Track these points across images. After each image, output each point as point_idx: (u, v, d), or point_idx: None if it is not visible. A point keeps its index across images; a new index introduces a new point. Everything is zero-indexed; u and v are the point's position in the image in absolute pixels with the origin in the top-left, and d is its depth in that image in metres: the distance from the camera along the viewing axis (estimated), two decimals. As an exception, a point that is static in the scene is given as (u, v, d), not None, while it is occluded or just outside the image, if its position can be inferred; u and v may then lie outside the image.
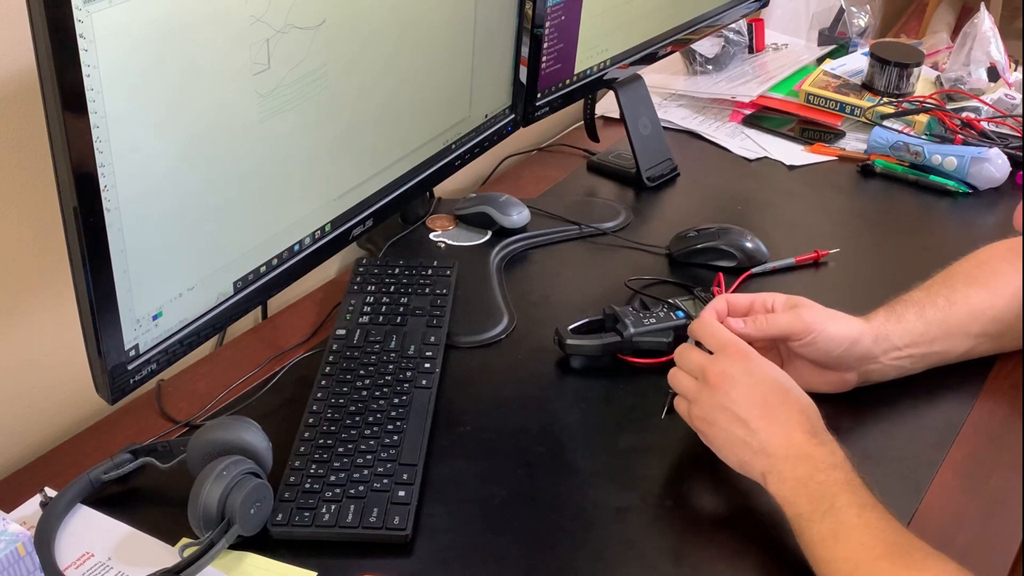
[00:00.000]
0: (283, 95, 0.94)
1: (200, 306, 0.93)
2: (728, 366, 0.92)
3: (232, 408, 1.03)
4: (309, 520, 0.88)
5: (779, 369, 0.94)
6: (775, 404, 0.90)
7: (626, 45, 1.48)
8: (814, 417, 0.90)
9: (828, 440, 0.88)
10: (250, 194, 0.94)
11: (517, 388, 1.09)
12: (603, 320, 1.13)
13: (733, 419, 0.90)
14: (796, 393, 0.91)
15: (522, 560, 0.88)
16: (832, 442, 0.87)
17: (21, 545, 0.78)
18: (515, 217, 1.32)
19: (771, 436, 0.88)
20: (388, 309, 1.13)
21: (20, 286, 1.00)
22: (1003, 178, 1.48)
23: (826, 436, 0.88)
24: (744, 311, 1.02)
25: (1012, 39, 2.31)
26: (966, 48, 1.70)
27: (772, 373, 0.92)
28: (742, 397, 0.90)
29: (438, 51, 1.16)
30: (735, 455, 0.90)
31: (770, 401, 0.90)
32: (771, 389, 0.91)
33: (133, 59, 0.78)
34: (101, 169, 0.77)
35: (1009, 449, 1.01)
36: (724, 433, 0.91)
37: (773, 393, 0.90)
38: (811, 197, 1.50)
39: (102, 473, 0.92)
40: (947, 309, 1.04)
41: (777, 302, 1.02)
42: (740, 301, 1.03)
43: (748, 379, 0.91)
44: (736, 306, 1.03)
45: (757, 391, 0.90)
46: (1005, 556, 0.90)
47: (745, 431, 0.89)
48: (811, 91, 1.70)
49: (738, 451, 0.90)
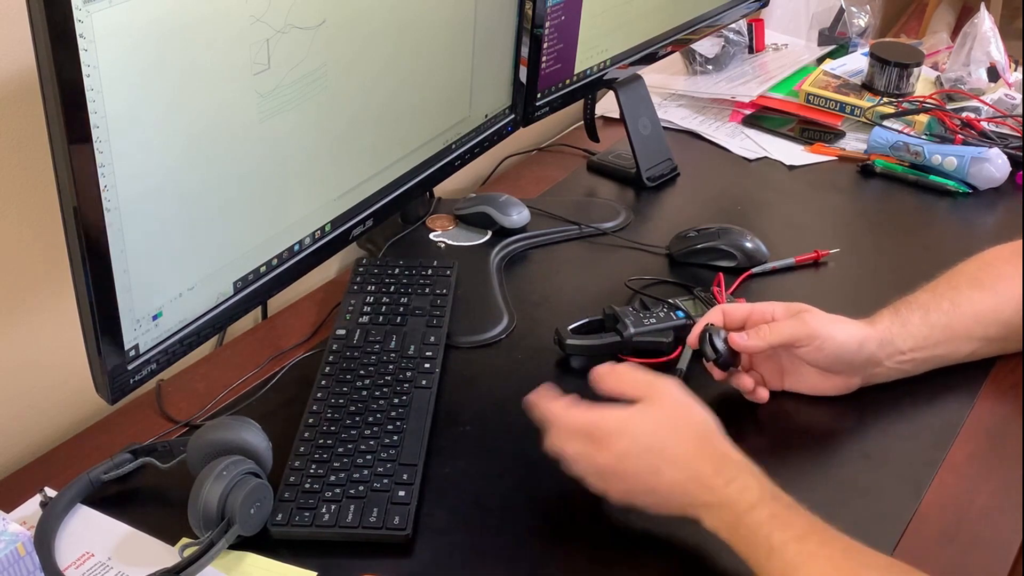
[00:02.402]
0: (283, 95, 0.94)
1: (200, 306, 0.93)
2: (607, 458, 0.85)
3: (232, 408, 1.03)
4: (309, 520, 0.88)
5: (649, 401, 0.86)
6: (671, 460, 0.84)
7: (626, 45, 1.48)
8: (712, 446, 0.84)
9: (736, 472, 0.82)
10: (250, 194, 0.94)
11: (517, 388, 1.08)
12: (603, 320, 1.13)
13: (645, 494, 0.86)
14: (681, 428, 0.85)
15: (522, 560, 0.88)
16: (741, 473, 0.82)
17: (21, 545, 0.78)
18: (515, 217, 1.32)
19: (682, 494, 0.83)
20: (388, 309, 1.13)
21: (20, 286, 1.00)
22: (1003, 178, 1.48)
23: (731, 467, 0.82)
24: (741, 321, 1.02)
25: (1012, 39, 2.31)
26: (966, 48, 1.70)
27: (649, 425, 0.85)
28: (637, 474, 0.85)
29: (438, 51, 1.16)
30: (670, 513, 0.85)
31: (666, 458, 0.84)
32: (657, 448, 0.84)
33: (133, 59, 0.78)
34: (101, 169, 0.77)
35: (1009, 449, 1.01)
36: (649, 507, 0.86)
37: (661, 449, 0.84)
38: (811, 197, 1.50)
39: (102, 473, 0.92)
40: (952, 313, 1.04)
41: (777, 311, 1.01)
42: (737, 312, 1.02)
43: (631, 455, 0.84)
44: (733, 316, 1.02)
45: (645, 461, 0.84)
46: (1005, 556, 0.90)
47: (659, 499, 0.85)
48: (811, 91, 1.70)
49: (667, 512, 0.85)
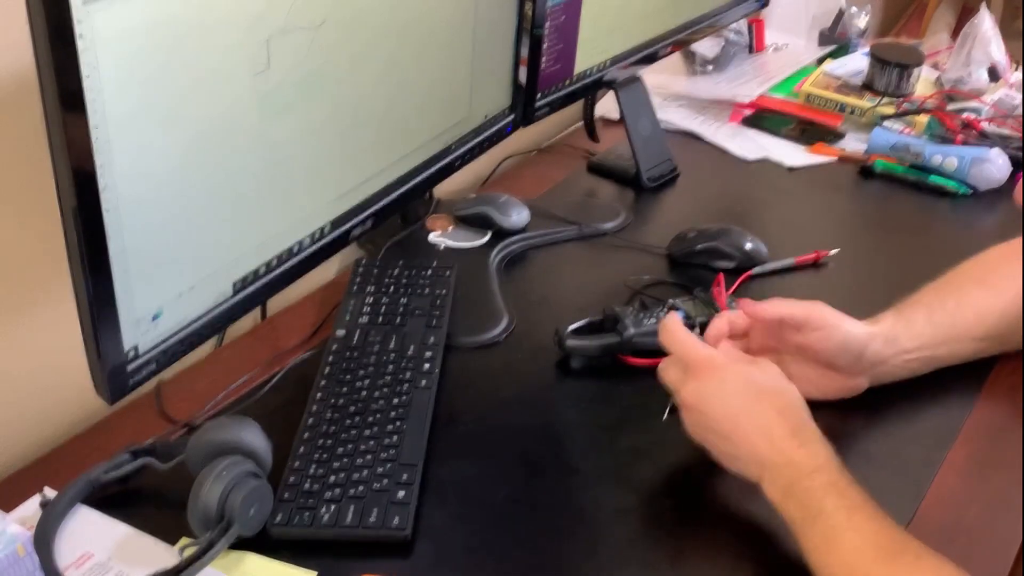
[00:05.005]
0: (283, 95, 0.94)
1: (200, 306, 0.93)
2: (697, 386, 0.91)
3: (232, 408, 1.04)
4: (309, 520, 0.88)
5: (754, 365, 0.92)
6: (751, 412, 0.88)
7: (626, 45, 1.48)
8: (794, 415, 0.89)
9: (810, 439, 0.86)
10: (250, 194, 0.94)
11: (517, 388, 1.09)
12: (603, 320, 1.13)
13: (716, 437, 0.90)
14: (773, 390, 0.90)
15: (522, 560, 0.88)
16: (815, 441, 0.86)
17: (21, 545, 0.78)
18: (515, 218, 1.32)
19: (752, 447, 0.88)
20: (387, 310, 1.13)
21: (20, 286, 1.00)
22: (1003, 179, 1.48)
23: (808, 434, 0.87)
24: (744, 329, 1.03)
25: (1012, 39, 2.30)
26: (966, 48, 1.70)
27: (743, 377, 0.90)
28: (717, 414, 0.90)
29: (438, 51, 1.16)
30: (732, 467, 0.90)
31: (746, 410, 0.89)
32: (744, 397, 0.89)
33: (132, 59, 0.78)
34: (100, 169, 0.77)
35: (1009, 449, 1.01)
36: (716, 449, 0.91)
37: (747, 400, 0.89)
38: (811, 198, 1.50)
39: (102, 473, 0.92)
40: (956, 313, 1.04)
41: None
42: (742, 322, 1.02)
43: (719, 394, 0.90)
44: (739, 326, 1.02)
45: (730, 404, 0.89)
46: (1005, 556, 0.90)
47: (729, 445, 0.89)
48: (811, 91, 1.70)
49: (732, 464, 0.90)
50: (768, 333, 1.02)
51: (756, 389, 0.90)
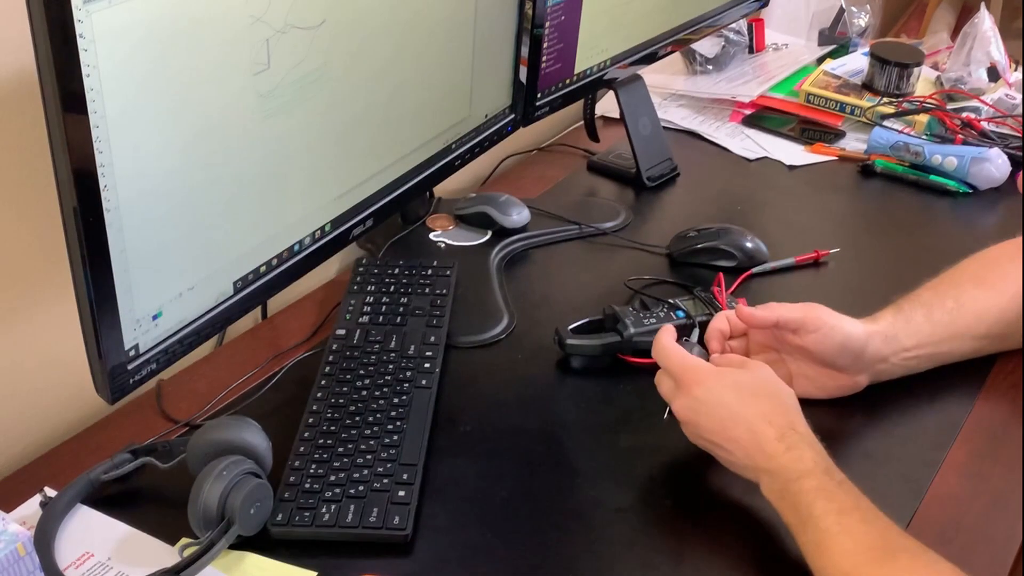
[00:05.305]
0: (283, 95, 0.94)
1: (200, 306, 0.93)
2: (686, 398, 0.92)
3: (232, 408, 1.04)
4: (309, 520, 0.88)
5: (743, 370, 0.93)
6: (737, 419, 0.89)
7: (626, 45, 1.48)
8: (781, 418, 0.88)
9: (796, 443, 0.86)
10: (250, 194, 0.94)
11: (517, 388, 1.09)
12: (603, 320, 1.13)
13: (712, 445, 0.91)
14: (762, 394, 0.90)
15: (522, 560, 0.88)
16: (801, 444, 0.86)
17: (21, 545, 0.78)
18: (515, 217, 1.32)
19: (744, 452, 0.88)
20: (388, 309, 1.13)
21: (20, 286, 1.00)
22: (1003, 178, 1.48)
23: (794, 438, 0.86)
24: (744, 329, 1.03)
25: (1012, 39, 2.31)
26: (966, 48, 1.70)
27: (730, 384, 0.91)
28: (708, 424, 0.91)
29: (438, 51, 1.16)
30: (734, 471, 0.91)
31: (732, 417, 0.89)
32: (730, 405, 0.90)
33: (133, 59, 0.78)
34: (101, 169, 0.77)
35: (1009, 449, 1.01)
36: (715, 455, 0.92)
37: (733, 408, 0.90)
38: (811, 197, 1.50)
39: (102, 473, 0.92)
40: (955, 311, 1.04)
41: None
42: (741, 327, 1.04)
43: (708, 404, 0.91)
44: (738, 325, 1.03)
45: (717, 413, 0.90)
46: (1005, 556, 0.90)
47: (725, 452, 0.90)
48: (811, 91, 1.70)
49: (733, 468, 0.91)
50: (766, 335, 1.03)
51: (742, 395, 0.90)
